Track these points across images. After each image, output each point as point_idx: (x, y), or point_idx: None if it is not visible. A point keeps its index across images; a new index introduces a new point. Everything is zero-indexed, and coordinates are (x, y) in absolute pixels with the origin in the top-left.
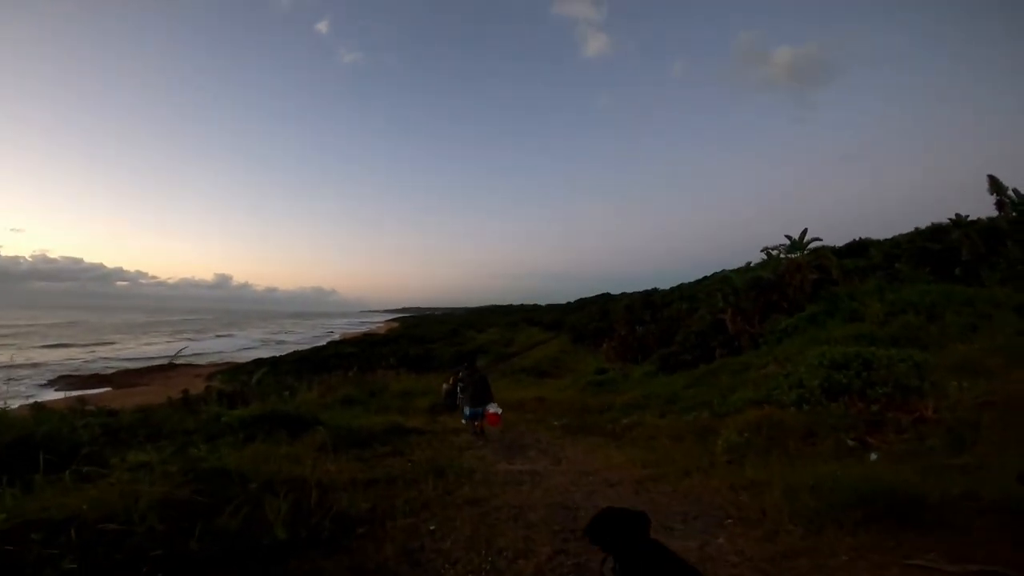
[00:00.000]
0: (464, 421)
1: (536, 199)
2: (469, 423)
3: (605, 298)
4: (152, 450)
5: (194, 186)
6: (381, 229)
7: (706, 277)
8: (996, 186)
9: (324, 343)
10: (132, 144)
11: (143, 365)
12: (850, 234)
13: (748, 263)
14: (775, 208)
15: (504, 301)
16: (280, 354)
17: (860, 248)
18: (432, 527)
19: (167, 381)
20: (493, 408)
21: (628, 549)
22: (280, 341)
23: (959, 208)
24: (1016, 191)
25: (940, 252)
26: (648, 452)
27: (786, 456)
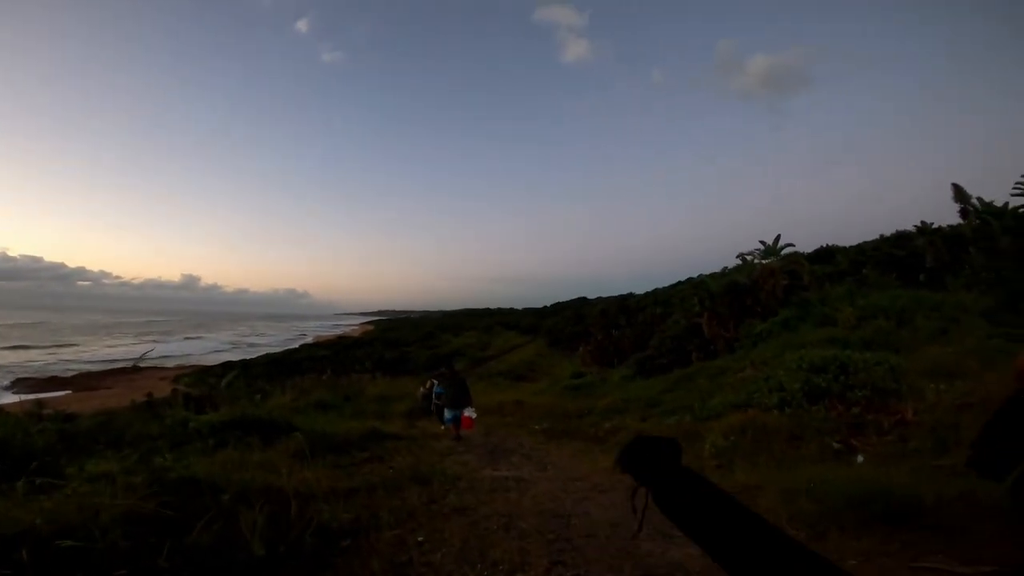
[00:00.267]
0: (443, 424)
1: (513, 203)
2: (448, 426)
3: (581, 302)
4: (113, 458)
5: (161, 184)
6: (356, 231)
7: (680, 282)
8: (960, 194)
9: (297, 346)
10: (95, 140)
11: (106, 367)
12: (818, 240)
13: (724, 268)
14: (749, 215)
15: (480, 304)
16: (251, 357)
17: (827, 254)
18: (420, 538)
19: (131, 384)
20: (468, 412)
21: (663, 478)
22: (251, 344)
23: (924, 216)
24: (980, 199)
25: (905, 259)
26: None
27: (773, 459)
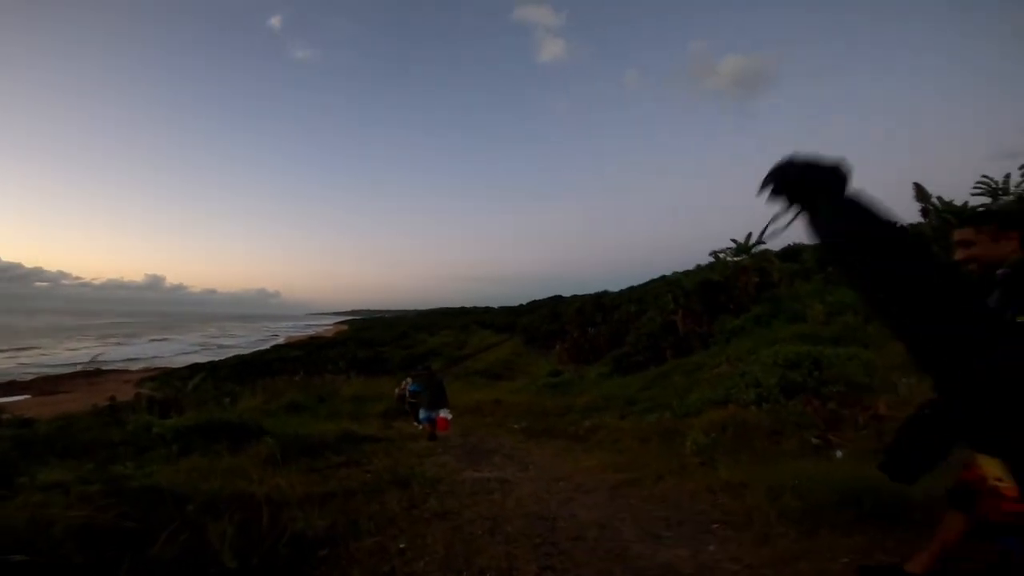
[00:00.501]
0: (417, 423)
1: (488, 201)
2: (424, 426)
3: (556, 300)
4: (69, 466)
5: (123, 182)
6: (328, 230)
7: (654, 280)
8: (921, 194)
9: (268, 347)
10: (54, 135)
11: (67, 371)
12: (785, 239)
13: (698, 265)
14: (720, 212)
15: (456, 303)
16: (220, 358)
17: (794, 253)
18: (401, 545)
19: (92, 388)
20: (444, 413)
21: (823, 199)
22: (221, 345)
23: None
24: (940, 199)
25: None
26: (616, 455)
27: (755, 455)
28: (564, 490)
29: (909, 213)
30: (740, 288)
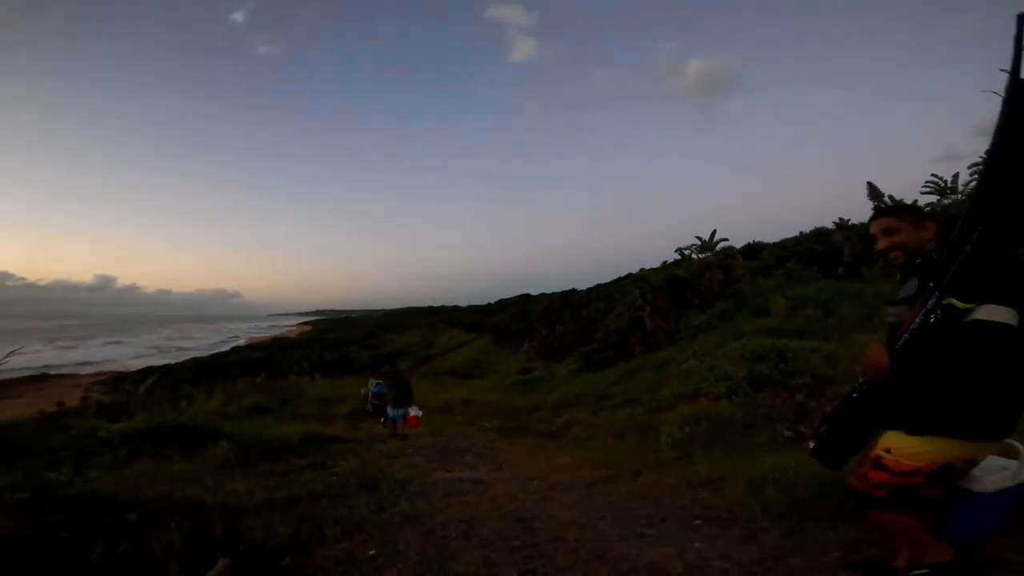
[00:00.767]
0: (383, 421)
1: (455, 200)
2: (390, 424)
3: (525, 299)
4: None
5: (71, 179)
6: (291, 228)
7: (621, 277)
8: (874, 192)
9: (228, 348)
10: None
11: (11, 376)
12: (746, 237)
13: (664, 262)
14: (685, 211)
15: (423, 303)
16: (177, 361)
17: (754, 250)
18: (371, 552)
19: (40, 394)
20: (414, 411)
21: None
22: (179, 348)
23: (841, 212)
24: (891, 197)
25: (825, 253)
26: (591, 452)
27: (730, 449)
28: (540, 489)
29: (863, 211)
30: (705, 284)
